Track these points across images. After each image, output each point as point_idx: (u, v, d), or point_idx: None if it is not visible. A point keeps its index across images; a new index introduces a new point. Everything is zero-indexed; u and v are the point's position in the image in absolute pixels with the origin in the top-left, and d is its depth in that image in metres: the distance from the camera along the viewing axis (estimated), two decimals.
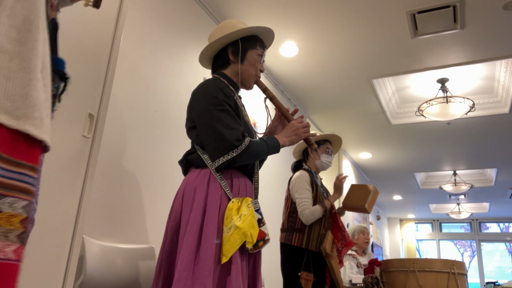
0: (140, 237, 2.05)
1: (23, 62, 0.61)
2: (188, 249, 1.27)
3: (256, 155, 1.42)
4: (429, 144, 5.64)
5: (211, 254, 1.26)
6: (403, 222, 11.34)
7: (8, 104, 0.58)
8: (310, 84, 4.05)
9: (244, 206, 1.34)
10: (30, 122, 0.61)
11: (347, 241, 2.50)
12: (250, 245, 1.30)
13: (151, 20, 2.32)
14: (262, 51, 1.62)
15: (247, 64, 1.58)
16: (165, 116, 2.34)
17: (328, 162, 2.57)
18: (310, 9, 2.93)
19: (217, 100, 1.42)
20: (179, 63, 2.52)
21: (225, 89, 1.47)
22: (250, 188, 1.49)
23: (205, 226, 1.30)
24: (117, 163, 1.97)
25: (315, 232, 2.35)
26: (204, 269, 1.24)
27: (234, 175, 1.44)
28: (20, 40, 0.61)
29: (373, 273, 2.57)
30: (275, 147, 1.48)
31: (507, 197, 8.20)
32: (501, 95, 4.38)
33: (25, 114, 0.60)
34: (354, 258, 3.80)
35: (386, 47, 3.37)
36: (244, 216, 1.30)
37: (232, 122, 1.39)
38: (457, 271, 2.37)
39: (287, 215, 2.45)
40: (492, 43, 3.25)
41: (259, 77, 1.62)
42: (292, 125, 1.56)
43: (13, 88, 0.59)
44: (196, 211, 1.33)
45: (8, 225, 0.57)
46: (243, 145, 1.36)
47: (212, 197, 1.35)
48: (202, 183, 1.38)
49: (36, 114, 0.62)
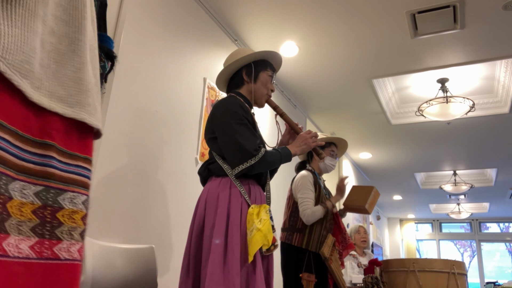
0: (140, 237, 2.05)
1: (72, 43, 0.56)
2: (217, 252, 1.41)
3: (270, 164, 1.59)
4: (429, 144, 5.64)
5: (237, 255, 1.41)
6: (403, 222, 11.34)
7: (62, 91, 0.54)
8: (310, 84, 4.05)
9: (262, 211, 1.50)
10: (85, 109, 0.57)
11: (348, 243, 2.50)
12: (266, 247, 1.45)
13: (151, 20, 2.32)
14: (272, 73, 1.80)
15: (259, 84, 1.76)
16: (165, 116, 2.34)
17: (332, 165, 2.58)
18: (310, 9, 2.93)
19: (237, 114, 1.60)
20: (179, 63, 2.52)
21: (243, 105, 1.66)
22: (263, 197, 1.66)
23: (229, 230, 1.45)
24: (117, 163, 1.97)
25: (316, 233, 2.34)
26: (233, 269, 1.38)
27: (251, 184, 1.60)
28: (67, 20, 0.56)
29: (373, 273, 2.57)
30: (287, 156, 1.65)
31: (507, 197, 8.20)
32: (501, 95, 4.38)
33: (79, 101, 0.56)
34: (355, 258, 3.80)
35: (386, 47, 3.37)
36: (264, 220, 1.47)
37: (250, 135, 1.57)
38: (457, 271, 2.37)
39: (289, 214, 2.45)
40: (492, 43, 3.25)
41: (270, 96, 1.80)
42: (301, 136, 1.75)
43: (65, 72, 0.55)
44: (221, 216, 1.47)
45: (72, 223, 0.54)
46: (260, 154, 1.53)
47: (234, 203, 1.50)
48: (224, 190, 1.53)
49: (90, 100, 0.58)
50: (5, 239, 0.45)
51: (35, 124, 0.51)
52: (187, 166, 2.49)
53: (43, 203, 0.51)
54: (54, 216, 0.52)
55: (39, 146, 0.52)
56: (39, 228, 0.50)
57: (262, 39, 3.29)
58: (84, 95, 0.56)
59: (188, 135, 2.54)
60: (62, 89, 0.54)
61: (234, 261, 1.39)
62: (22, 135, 0.50)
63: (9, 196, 0.47)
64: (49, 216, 0.51)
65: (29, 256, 0.48)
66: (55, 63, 0.54)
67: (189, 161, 2.52)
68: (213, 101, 2.80)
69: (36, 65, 0.50)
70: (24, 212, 0.49)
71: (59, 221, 0.52)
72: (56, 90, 0.53)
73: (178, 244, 2.30)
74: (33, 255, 0.48)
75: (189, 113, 2.57)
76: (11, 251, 0.46)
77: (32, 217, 0.49)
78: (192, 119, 2.59)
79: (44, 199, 0.51)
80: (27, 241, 0.48)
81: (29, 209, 0.49)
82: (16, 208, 0.48)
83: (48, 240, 0.50)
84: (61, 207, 0.52)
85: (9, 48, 0.47)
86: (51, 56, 0.53)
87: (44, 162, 0.52)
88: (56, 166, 0.53)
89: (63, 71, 0.54)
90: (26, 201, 0.49)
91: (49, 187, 0.52)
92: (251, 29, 3.18)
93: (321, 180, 2.59)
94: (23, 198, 0.49)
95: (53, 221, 0.51)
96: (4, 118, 0.47)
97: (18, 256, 0.46)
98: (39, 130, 0.52)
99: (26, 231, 0.48)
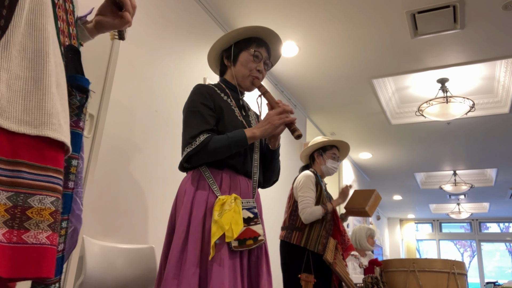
0: (140, 237, 2.05)
1: (36, 82, 0.71)
2: (175, 251, 1.31)
3: (214, 151, 1.40)
4: (429, 144, 5.64)
5: (196, 253, 1.30)
6: (403, 222, 11.35)
7: (27, 117, 0.69)
8: (310, 84, 4.05)
9: (227, 202, 1.34)
10: (49, 127, 0.70)
11: (347, 245, 2.51)
12: (229, 240, 1.30)
13: (151, 20, 2.32)
14: (256, 50, 1.60)
15: (239, 65, 1.60)
16: (165, 116, 2.34)
17: (334, 168, 2.58)
18: (310, 9, 2.93)
19: (192, 102, 1.49)
20: (179, 63, 2.52)
21: (206, 90, 1.52)
22: (245, 187, 1.48)
23: (191, 227, 1.34)
24: (117, 163, 1.97)
25: (315, 232, 2.34)
26: (190, 269, 1.27)
27: (224, 174, 1.45)
28: (31, 67, 0.71)
29: (373, 273, 2.57)
30: (241, 139, 1.42)
31: (507, 197, 8.21)
32: (501, 95, 4.38)
33: (43, 122, 0.70)
34: (356, 259, 3.82)
35: (386, 47, 3.37)
36: (225, 211, 1.32)
37: (196, 122, 1.43)
38: (457, 271, 2.37)
39: (289, 213, 2.46)
40: (492, 43, 3.25)
41: (256, 77, 1.59)
42: (267, 114, 1.48)
43: (30, 104, 0.70)
44: (183, 212, 1.37)
45: (39, 217, 0.68)
46: (197, 142, 1.38)
47: (199, 197, 1.39)
48: (191, 184, 1.43)
49: (54, 121, 0.71)
50: None
51: (7, 147, 0.67)
52: None
53: (13, 204, 0.66)
54: (24, 213, 0.66)
55: (10, 164, 0.67)
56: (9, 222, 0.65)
57: None
58: (47, 117, 0.70)
59: None
60: (28, 116, 0.69)
61: (192, 260, 1.28)
62: None
63: None
64: (19, 213, 0.66)
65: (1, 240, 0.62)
66: (22, 99, 0.69)
67: None
68: None
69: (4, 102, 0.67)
70: None
71: (27, 216, 0.67)
72: (23, 117, 0.68)
73: None
74: (4, 240, 0.63)
75: None
76: None
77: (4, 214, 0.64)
78: None
79: (15, 201, 0.66)
80: None
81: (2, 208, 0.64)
82: None
83: (17, 230, 0.65)
84: (30, 206, 0.67)
85: None
86: (18, 94, 0.69)
87: (14, 175, 0.67)
88: (25, 177, 0.68)
89: (29, 103, 0.69)
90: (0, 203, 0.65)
91: (19, 192, 0.67)
92: None
93: (323, 183, 2.59)
94: None
95: (22, 216, 0.66)
96: None
97: None
98: (11, 152, 0.67)
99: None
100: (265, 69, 1.64)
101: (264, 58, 1.62)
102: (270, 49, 1.68)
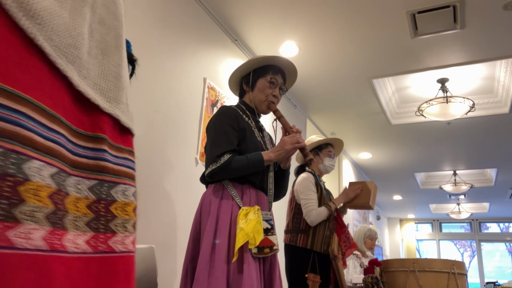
0: (140, 237, 2.05)
1: (117, 38, 0.56)
2: (204, 254, 1.45)
3: (235, 170, 1.56)
4: (429, 144, 5.64)
5: (223, 256, 1.44)
6: (403, 222, 11.35)
7: (104, 84, 0.54)
8: (310, 84, 4.05)
9: (251, 212, 1.50)
10: (119, 107, 0.57)
11: (351, 243, 2.50)
12: (252, 247, 1.45)
13: (151, 20, 2.32)
14: (273, 77, 1.76)
15: (257, 91, 1.76)
16: (165, 116, 2.34)
17: (331, 166, 2.60)
18: (310, 9, 2.93)
19: (220, 122, 1.65)
20: (179, 63, 2.52)
21: (233, 113, 1.69)
22: (263, 200, 1.66)
23: (218, 233, 1.49)
24: None
25: (320, 233, 2.35)
26: (218, 270, 1.41)
27: (245, 188, 1.62)
28: (114, 12, 0.57)
29: (373, 273, 2.57)
30: (257, 162, 1.59)
31: (507, 197, 8.20)
32: (501, 95, 4.38)
33: (116, 97, 0.56)
34: (358, 258, 3.82)
35: (386, 47, 3.37)
36: (250, 220, 1.47)
37: (222, 141, 1.59)
38: (457, 271, 2.38)
39: (292, 216, 2.45)
40: (492, 43, 3.25)
41: (271, 101, 1.76)
42: (281, 140, 1.66)
43: (109, 66, 0.55)
44: (211, 220, 1.52)
45: (125, 215, 0.55)
46: (222, 160, 1.54)
47: (224, 207, 1.54)
48: (216, 195, 1.58)
49: (124, 99, 0.59)
50: (64, 235, 0.46)
51: (85, 117, 0.51)
52: (187, 166, 2.49)
53: (97, 197, 0.51)
54: (108, 210, 0.52)
55: (92, 140, 0.52)
56: (94, 222, 0.50)
57: (262, 39, 3.29)
58: (120, 92, 0.56)
59: (188, 135, 2.54)
60: (105, 82, 0.54)
61: (220, 262, 1.42)
62: (75, 130, 0.50)
63: (66, 192, 0.47)
64: (103, 209, 0.51)
65: (85, 251, 0.48)
66: (102, 54, 0.53)
67: (189, 161, 2.52)
68: (213, 101, 2.80)
69: (84, 52, 0.49)
70: (80, 207, 0.49)
71: (112, 214, 0.52)
72: (100, 82, 0.53)
73: (178, 244, 2.30)
74: (89, 249, 0.48)
75: (189, 113, 2.57)
76: (70, 247, 0.46)
77: (87, 212, 0.50)
78: (192, 119, 2.59)
79: (98, 193, 0.51)
80: (83, 236, 0.48)
81: (83, 204, 0.50)
82: (72, 203, 0.48)
83: (103, 234, 0.50)
84: (114, 200, 0.53)
85: (58, 29, 0.45)
86: (99, 46, 0.53)
87: (97, 156, 0.52)
88: (108, 159, 0.53)
89: (107, 64, 0.54)
90: (80, 196, 0.50)
91: (103, 180, 0.52)
92: (251, 29, 3.18)
93: (321, 182, 2.59)
94: (78, 193, 0.50)
95: (107, 214, 0.52)
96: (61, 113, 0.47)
97: (75, 251, 0.47)
98: (90, 123, 0.52)
99: (82, 226, 0.49)
100: (280, 94, 1.80)
101: (279, 84, 1.78)
102: (285, 75, 1.84)
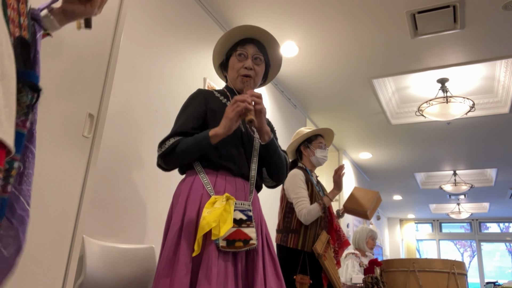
0: (140, 237, 2.05)
1: None
2: (168, 250, 1.31)
3: (182, 152, 1.43)
4: (429, 144, 5.64)
5: (189, 253, 1.29)
6: (403, 222, 11.35)
7: None
8: (310, 84, 4.05)
9: (219, 201, 1.32)
10: None
11: (343, 240, 2.45)
12: (215, 237, 1.26)
13: (151, 20, 2.32)
14: (239, 50, 1.58)
15: (230, 71, 1.62)
16: (165, 116, 2.33)
17: (323, 157, 2.49)
18: (310, 9, 2.93)
19: (183, 106, 1.58)
20: (179, 63, 2.52)
21: (203, 94, 1.59)
22: (241, 189, 1.45)
23: (184, 227, 1.34)
24: (117, 163, 1.97)
25: (311, 233, 2.28)
26: (182, 269, 1.26)
27: (220, 176, 1.44)
28: None
29: (373, 273, 2.57)
30: (204, 138, 1.40)
31: (507, 197, 8.21)
32: (501, 95, 4.38)
33: None
34: (357, 258, 3.82)
35: (386, 47, 3.37)
36: (215, 209, 1.29)
37: (175, 125, 1.52)
38: (457, 271, 2.38)
39: (283, 215, 2.38)
40: (492, 43, 3.25)
41: (245, 75, 1.56)
42: (226, 109, 1.43)
43: None
44: (177, 213, 1.37)
45: None
46: (166, 145, 1.45)
47: (193, 197, 1.39)
48: (186, 185, 1.44)
49: None
50: None
51: None
52: None
53: None
54: None
55: None
56: None
57: None
58: None
59: None
60: None
61: (184, 259, 1.27)
62: None
63: None
64: None
65: None
66: None
67: None
68: None
69: None
70: None
71: None
72: None
73: None
74: None
75: None
76: None
77: None
78: None
79: None
80: None
81: None
82: None
83: None
84: None
85: None
86: None
87: None
88: None
89: None
90: None
91: None
92: None
93: (314, 177, 2.51)
94: None
95: None
96: None
97: None
98: None
99: None
100: (258, 64, 1.59)
101: (252, 54, 1.58)
102: (264, 46, 1.64)
